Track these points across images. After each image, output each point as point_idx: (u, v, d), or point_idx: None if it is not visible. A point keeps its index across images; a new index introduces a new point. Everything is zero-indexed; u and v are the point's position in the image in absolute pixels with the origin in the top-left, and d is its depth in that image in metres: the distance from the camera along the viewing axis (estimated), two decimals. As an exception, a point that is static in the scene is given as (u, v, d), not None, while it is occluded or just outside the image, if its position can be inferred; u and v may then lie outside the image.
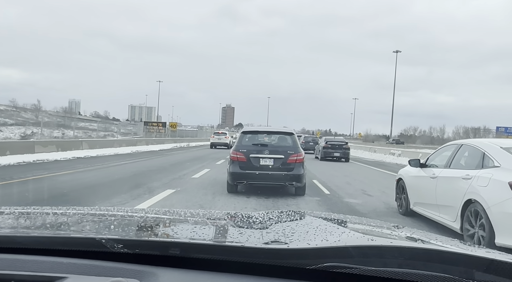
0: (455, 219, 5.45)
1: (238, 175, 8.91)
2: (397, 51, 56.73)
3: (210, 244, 1.21)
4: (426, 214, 6.54)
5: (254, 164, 8.88)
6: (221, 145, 36.02)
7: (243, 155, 8.96)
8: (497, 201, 4.65)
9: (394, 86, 56.99)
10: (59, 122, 48.32)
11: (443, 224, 5.90)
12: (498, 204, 4.61)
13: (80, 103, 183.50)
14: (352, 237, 1.36)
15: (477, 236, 4.91)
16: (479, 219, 4.87)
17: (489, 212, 4.67)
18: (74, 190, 8.92)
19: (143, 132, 50.33)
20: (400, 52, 57.66)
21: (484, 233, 4.76)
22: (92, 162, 16.24)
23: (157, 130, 49.46)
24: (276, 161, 8.88)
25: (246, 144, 9.26)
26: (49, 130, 41.52)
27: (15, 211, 1.61)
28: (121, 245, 1.10)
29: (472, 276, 0.99)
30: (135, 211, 1.77)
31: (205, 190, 9.55)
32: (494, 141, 6.16)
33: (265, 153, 8.95)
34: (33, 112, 67.39)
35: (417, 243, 1.29)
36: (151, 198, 8.04)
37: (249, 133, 9.65)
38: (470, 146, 5.96)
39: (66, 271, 1.04)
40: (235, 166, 8.97)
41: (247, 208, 7.52)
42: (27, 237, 1.23)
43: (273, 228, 1.45)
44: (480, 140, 6.21)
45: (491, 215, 4.64)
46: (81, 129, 51.34)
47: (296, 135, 9.99)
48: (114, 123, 68.65)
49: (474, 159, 5.59)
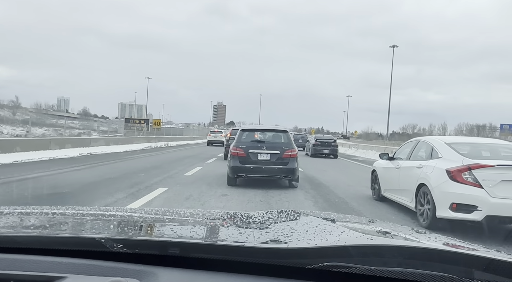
0: (411, 200, 6.74)
1: (238, 168, 9.70)
2: (394, 46, 53.51)
3: (210, 243, 1.21)
4: (392, 198, 7.82)
5: (252, 158, 9.70)
6: (217, 142, 36.56)
7: (243, 150, 9.75)
8: (438, 183, 5.94)
9: (390, 83, 53.61)
10: (27, 120, 45.68)
11: (404, 205, 7.21)
12: (438, 186, 5.91)
13: (69, 101, 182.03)
14: (351, 237, 1.36)
15: (426, 211, 6.15)
16: (426, 198, 6.17)
17: (433, 192, 5.98)
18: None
19: (123, 130, 47.26)
20: (397, 47, 54.47)
21: (429, 208, 6.03)
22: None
23: (139, 128, 46.33)
24: (273, 156, 9.71)
25: (245, 140, 10.09)
26: (11, 127, 39.89)
27: (14, 210, 1.61)
28: (121, 245, 1.10)
29: (472, 276, 0.99)
30: (134, 210, 1.77)
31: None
32: (441, 137, 7.84)
33: (262, 149, 9.80)
34: (11, 109, 65.58)
35: (417, 243, 1.29)
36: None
37: (248, 131, 10.50)
38: (424, 141, 7.36)
39: (65, 271, 1.04)
40: (235, 161, 9.76)
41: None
42: (27, 237, 1.22)
43: (273, 228, 1.45)
44: (431, 137, 7.92)
45: (434, 194, 5.94)
46: (55, 127, 48.74)
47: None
48: (95, 120, 65.69)
49: (426, 152, 6.94)
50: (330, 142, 25.99)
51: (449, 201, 5.68)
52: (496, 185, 5.48)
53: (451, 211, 5.67)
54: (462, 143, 6.91)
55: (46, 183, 9.55)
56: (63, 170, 12.27)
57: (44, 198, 7.57)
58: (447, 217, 5.72)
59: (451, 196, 5.69)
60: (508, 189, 5.45)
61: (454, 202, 5.64)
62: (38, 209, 1.66)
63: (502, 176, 5.51)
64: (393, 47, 52.88)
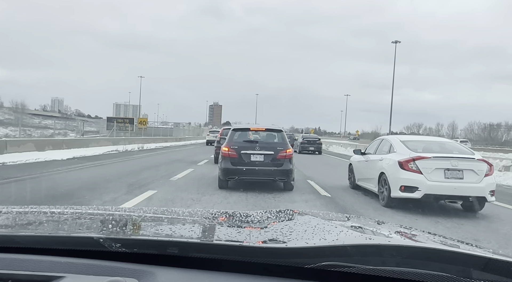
0: (376, 186, 8.48)
1: (229, 170, 9.11)
2: (396, 42, 49.40)
3: (208, 243, 1.21)
4: (363, 185, 9.58)
5: (245, 159, 9.13)
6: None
7: (235, 151, 9.18)
8: (392, 171, 7.76)
9: (393, 82, 49.20)
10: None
11: (371, 190, 8.94)
12: (392, 173, 7.74)
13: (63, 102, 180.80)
14: (350, 236, 1.36)
15: (384, 194, 7.95)
16: (385, 183, 7.96)
17: (389, 178, 7.81)
18: None
19: (106, 130, 42.91)
20: (400, 42, 50.12)
21: (387, 191, 7.82)
22: None
23: (123, 128, 42.24)
24: (266, 157, 9.18)
25: (237, 140, 9.51)
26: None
27: (12, 210, 1.60)
28: (119, 244, 1.10)
29: (470, 275, 0.99)
30: (133, 210, 1.76)
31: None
32: (398, 136, 9.71)
33: (255, 149, 9.23)
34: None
35: (415, 242, 1.30)
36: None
37: (240, 131, 9.93)
38: (386, 139, 9.26)
39: (64, 271, 1.03)
40: (226, 162, 9.17)
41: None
42: (25, 237, 1.22)
43: (271, 227, 1.45)
44: (391, 136, 9.86)
45: (390, 180, 7.77)
46: (29, 127, 45.88)
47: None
48: (82, 120, 59.98)
49: (387, 148, 8.73)
50: (315, 140, 30.96)
51: (399, 184, 7.49)
52: (432, 171, 7.34)
53: (400, 192, 7.48)
54: (412, 141, 8.78)
55: None
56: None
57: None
58: (398, 197, 7.56)
59: (400, 181, 7.49)
60: (440, 174, 7.33)
61: (402, 185, 7.46)
62: (37, 208, 1.66)
63: (436, 165, 7.38)
64: (395, 42, 49.47)
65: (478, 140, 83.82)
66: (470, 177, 7.33)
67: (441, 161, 7.40)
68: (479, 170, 7.40)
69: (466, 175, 7.32)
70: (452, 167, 7.34)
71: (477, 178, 7.34)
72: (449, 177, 7.33)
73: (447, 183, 7.27)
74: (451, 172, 7.33)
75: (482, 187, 7.29)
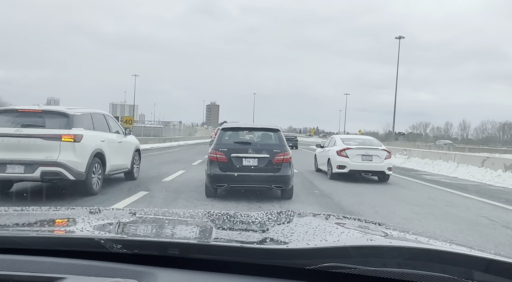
0: (326, 167, 13.37)
1: (218, 177, 7.88)
2: (400, 37, 47.31)
3: (209, 244, 1.21)
4: (321, 168, 14.35)
5: (236, 164, 7.91)
6: None
7: (224, 154, 7.96)
8: (333, 157, 12.76)
9: (396, 80, 48.92)
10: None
11: (324, 170, 13.75)
12: (333, 158, 12.75)
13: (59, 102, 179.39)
14: (351, 237, 1.36)
15: (329, 171, 12.86)
16: (329, 164, 12.98)
17: (332, 161, 12.80)
18: None
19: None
20: (404, 38, 48.10)
21: (331, 169, 12.76)
22: None
23: None
24: (261, 161, 7.98)
25: (226, 142, 8.28)
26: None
27: (13, 211, 1.60)
28: (120, 246, 1.10)
29: (471, 276, 0.99)
30: (134, 211, 1.75)
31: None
32: (340, 135, 16.09)
33: (248, 152, 8.00)
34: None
35: (416, 243, 1.29)
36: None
37: (230, 131, 8.66)
38: (333, 138, 14.43)
39: (64, 272, 1.03)
40: (214, 167, 7.92)
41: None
42: (26, 238, 1.21)
43: (272, 228, 1.45)
44: (337, 135, 15.16)
45: (332, 162, 12.77)
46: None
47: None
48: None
49: (333, 143, 13.79)
50: (293, 138, 38.90)
51: (336, 165, 12.49)
52: (354, 156, 12.38)
53: (337, 169, 12.45)
54: (347, 138, 14.34)
55: None
56: None
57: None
58: (336, 172, 12.47)
59: (337, 162, 12.49)
60: (358, 158, 12.39)
61: (338, 165, 12.45)
62: (37, 209, 1.65)
63: (356, 152, 12.45)
64: (399, 38, 47.82)
65: (489, 140, 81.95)
66: (376, 159, 12.41)
67: (360, 150, 12.56)
68: (382, 155, 12.47)
69: (374, 158, 12.41)
70: (365, 154, 12.46)
71: (380, 160, 12.41)
72: (364, 160, 12.40)
73: (363, 163, 12.40)
74: (365, 156, 12.44)
75: (382, 165, 12.38)
